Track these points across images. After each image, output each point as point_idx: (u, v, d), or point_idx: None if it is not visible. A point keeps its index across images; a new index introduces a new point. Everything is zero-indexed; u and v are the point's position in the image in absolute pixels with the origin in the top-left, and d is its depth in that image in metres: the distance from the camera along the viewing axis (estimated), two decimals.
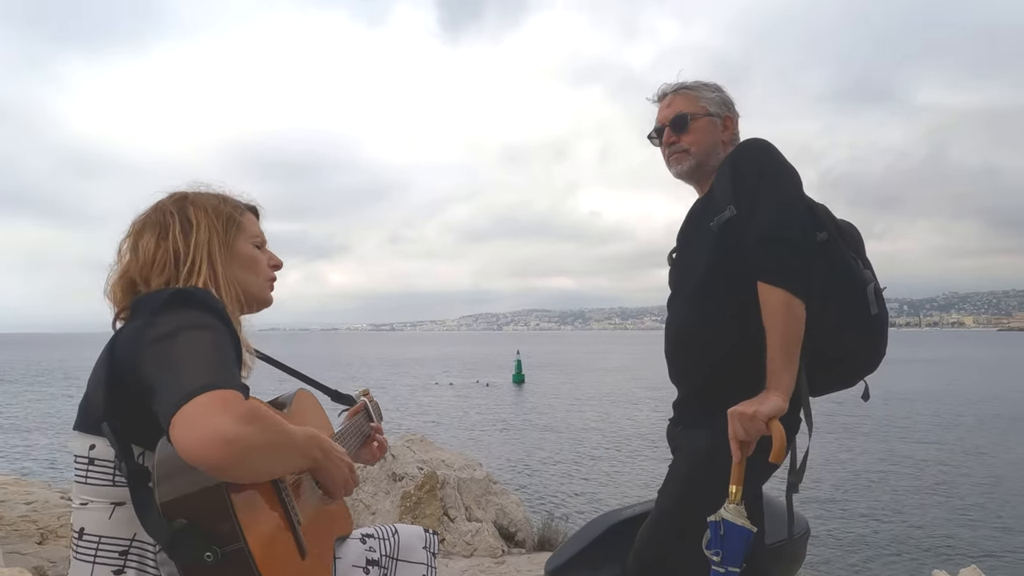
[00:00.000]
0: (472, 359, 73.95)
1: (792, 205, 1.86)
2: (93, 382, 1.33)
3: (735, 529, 1.75)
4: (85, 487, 1.31)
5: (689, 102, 2.13)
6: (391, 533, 1.78)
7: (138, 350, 1.23)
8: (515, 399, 33.38)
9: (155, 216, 1.50)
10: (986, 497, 13.35)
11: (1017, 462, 16.58)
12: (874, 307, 1.92)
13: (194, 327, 1.23)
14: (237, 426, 1.07)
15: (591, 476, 15.53)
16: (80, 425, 1.34)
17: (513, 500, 5.67)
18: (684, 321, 2.06)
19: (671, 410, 2.19)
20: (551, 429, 22.66)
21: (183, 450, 1.06)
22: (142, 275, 1.43)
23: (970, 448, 18.42)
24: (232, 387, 1.13)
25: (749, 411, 1.72)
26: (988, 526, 11.42)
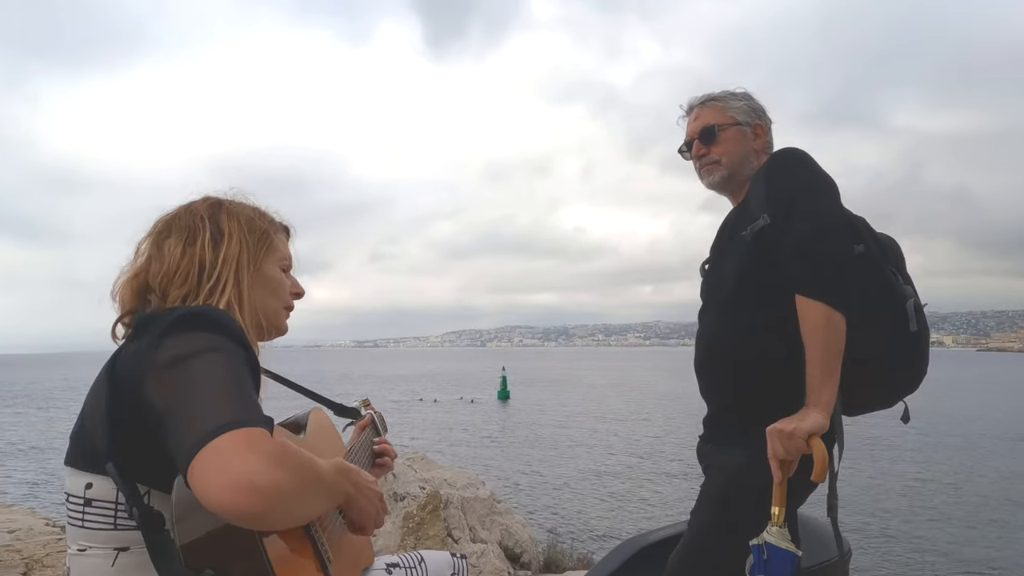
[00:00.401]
0: (456, 376, 73.81)
1: (830, 217, 1.82)
2: (91, 411, 1.18)
3: (779, 553, 1.67)
4: (82, 531, 1.16)
5: (716, 113, 2.10)
6: (417, 561, 1.69)
7: (144, 377, 1.10)
8: (501, 415, 33.26)
9: (186, 218, 1.36)
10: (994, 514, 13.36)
11: None
12: (913, 324, 1.85)
13: (208, 350, 1.10)
14: (267, 470, 0.96)
15: (589, 494, 15.48)
16: (74, 460, 1.19)
17: (518, 520, 5.56)
18: (716, 333, 2.01)
19: (701, 427, 2.11)
20: (540, 446, 22.61)
21: (206, 499, 0.95)
22: (160, 283, 1.29)
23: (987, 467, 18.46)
24: (257, 423, 1.02)
25: (788, 428, 1.65)
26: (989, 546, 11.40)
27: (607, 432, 26.35)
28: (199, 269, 1.30)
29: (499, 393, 41.81)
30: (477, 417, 31.93)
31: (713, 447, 2.02)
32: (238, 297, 1.32)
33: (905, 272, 1.95)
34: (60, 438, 21.95)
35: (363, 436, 1.81)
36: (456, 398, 42.07)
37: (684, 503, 14.34)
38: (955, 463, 18.98)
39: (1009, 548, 11.07)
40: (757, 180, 1.96)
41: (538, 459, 20.00)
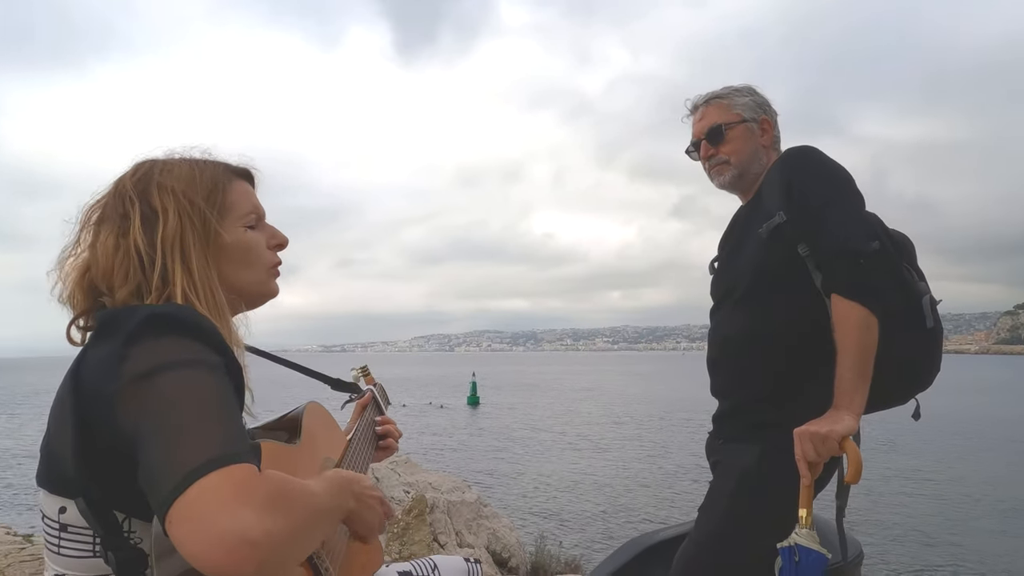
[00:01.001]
0: (425, 380, 73.37)
1: (863, 217, 1.84)
2: (57, 429, 1.03)
3: (811, 555, 1.67)
4: (59, 558, 1.04)
5: (722, 111, 2.08)
6: (430, 568, 1.63)
7: (112, 392, 0.95)
8: (472, 421, 33.11)
9: (113, 203, 1.16)
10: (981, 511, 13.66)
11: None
12: (930, 320, 1.86)
13: (182, 365, 0.95)
14: (260, 520, 0.83)
15: (572, 498, 15.47)
16: (45, 482, 1.05)
17: (505, 524, 5.52)
18: (732, 329, 2.00)
19: (711, 424, 2.12)
20: (515, 451, 22.56)
21: (189, 557, 0.82)
22: (104, 281, 1.11)
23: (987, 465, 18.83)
24: (243, 458, 0.88)
25: (823, 431, 1.64)
26: (979, 540, 11.65)
27: (582, 436, 26.40)
28: (139, 261, 1.11)
29: (469, 399, 41.52)
30: (447, 422, 31.76)
31: (724, 443, 2.02)
32: (191, 284, 1.12)
33: (918, 268, 1.95)
34: (29, 444, 21.39)
35: (364, 417, 1.70)
36: (425, 403, 41.76)
37: (668, 505, 14.52)
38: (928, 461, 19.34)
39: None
40: (771, 177, 1.95)
41: (514, 464, 19.96)
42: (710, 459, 2.09)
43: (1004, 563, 10.39)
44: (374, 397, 1.78)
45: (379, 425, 1.75)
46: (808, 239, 1.80)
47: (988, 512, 13.82)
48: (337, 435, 1.57)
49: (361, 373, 1.85)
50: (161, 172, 1.18)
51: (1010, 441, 23.41)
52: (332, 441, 1.52)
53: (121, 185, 1.17)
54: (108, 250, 1.11)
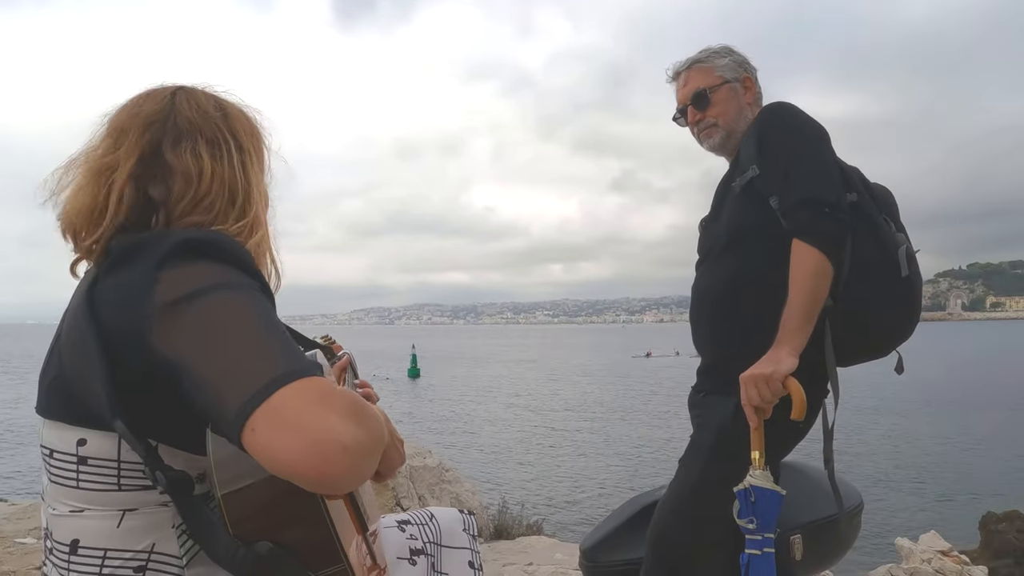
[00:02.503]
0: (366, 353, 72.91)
1: (830, 168, 1.86)
2: (73, 359, 0.99)
3: (766, 494, 1.73)
4: (77, 492, 0.99)
5: (705, 75, 2.09)
6: (428, 518, 1.62)
7: (143, 319, 0.90)
8: (414, 392, 33.11)
9: (201, 122, 1.11)
10: (931, 468, 14.67)
11: (959, 435, 18.38)
12: (904, 269, 1.88)
13: (224, 286, 0.91)
14: (348, 427, 0.81)
15: (526, 463, 15.81)
16: (57, 413, 1.01)
17: (467, 488, 5.56)
18: (708, 284, 2.04)
19: (694, 377, 2.14)
20: (460, 421, 22.74)
21: (278, 462, 0.80)
22: (182, 208, 1.06)
23: (917, 425, 19.98)
24: (317, 372, 0.86)
25: (767, 371, 1.69)
26: (937, 495, 12.51)
27: (526, 406, 26.72)
28: (229, 196, 1.09)
29: (409, 371, 41.41)
30: (390, 395, 31.68)
31: (704, 396, 2.04)
32: (263, 225, 1.14)
33: (898, 220, 1.98)
34: None
35: (347, 378, 1.67)
36: (369, 376, 41.46)
37: (620, 469, 14.89)
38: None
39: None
40: (748, 134, 1.97)
41: (461, 435, 20.10)
42: (692, 412, 2.12)
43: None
44: (350, 362, 1.77)
45: (359, 388, 1.76)
46: (777, 190, 1.83)
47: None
48: None
49: (327, 342, 1.81)
50: (231, 107, 1.17)
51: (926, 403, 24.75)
52: None
53: (198, 102, 1.13)
54: (205, 170, 1.07)
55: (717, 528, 1.89)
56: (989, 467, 15.07)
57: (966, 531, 7.85)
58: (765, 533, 1.76)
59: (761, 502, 1.75)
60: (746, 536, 1.77)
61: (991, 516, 6.47)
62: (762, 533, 1.76)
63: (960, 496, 12.68)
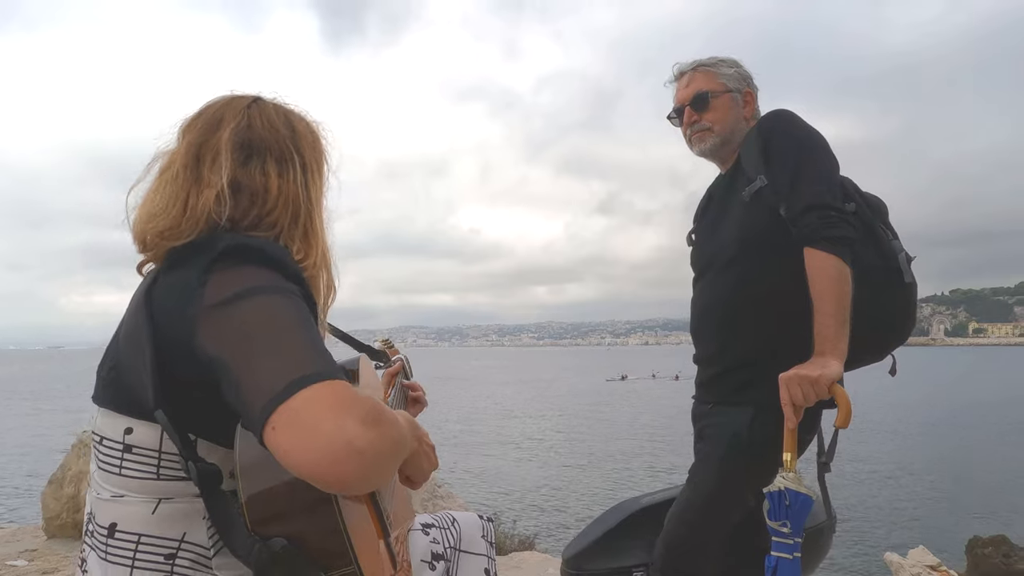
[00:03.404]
0: None
1: (834, 175, 1.89)
2: (130, 350, 1.05)
3: (799, 498, 1.73)
4: (119, 478, 1.05)
5: (708, 79, 2.09)
6: (450, 522, 1.65)
7: (191, 318, 0.96)
8: None
9: (271, 138, 1.16)
10: (931, 486, 14.85)
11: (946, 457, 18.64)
12: (907, 275, 1.92)
13: (265, 289, 0.96)
14: (364, 431, 0.84)
15: (519, 480, 15.85)
16: (109, 401, 1.07)
17: (460, 503, 5.53)
18: (718, 295, 2.02)
19: (694, 389, 2.15)
20: (452, 441, 22.61)
21: (293, 461, 0.83)
22: (249, 220, 1.11)
23: (905, 445, 20.16)
24: (340, 375, 0.89)
25: (814, 374, 1.67)
26: (924, 513, 12.67)
27: (516, 427, 26.66)
28: (293, 209, 1.14)
29: None
30: None
31: (714, 407, 2.03)
32: (323, 241, 1.19)
33: (892, 228, 2.01)
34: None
35: (397, 382, 1.73)
36: None
37: (611, 484, 14.87)
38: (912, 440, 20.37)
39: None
40: (749, 143, 1.98)
41: (452, 455, 19.99)
42: (696, 424, 2.12)
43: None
44: (404, 366, 1.81)
45: (410, 390, 1.78)
46: (784, 199, 1.84)
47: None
48: (378, 391, 1.60)
49: (385, 345, 1.89)
50: (298, 122, 1.21)
51: (915, 425, 24.82)
52: (375, 395, 1.53)
53: (268, 117, 1.17)
54: (272, 188, 1.12)
55: (726, 535, 1.94)
56: (975, 488, 15.19)
57: (953, 551, 7.86)
58: (796, 537, 1.74)
59: (795, 505, 1.74)
60: (774, 539, 1.78)
61: (977, 540, 6.49)
62: (794, 537, 1.74)
63: (947, 515, 12.75)
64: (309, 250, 1.15)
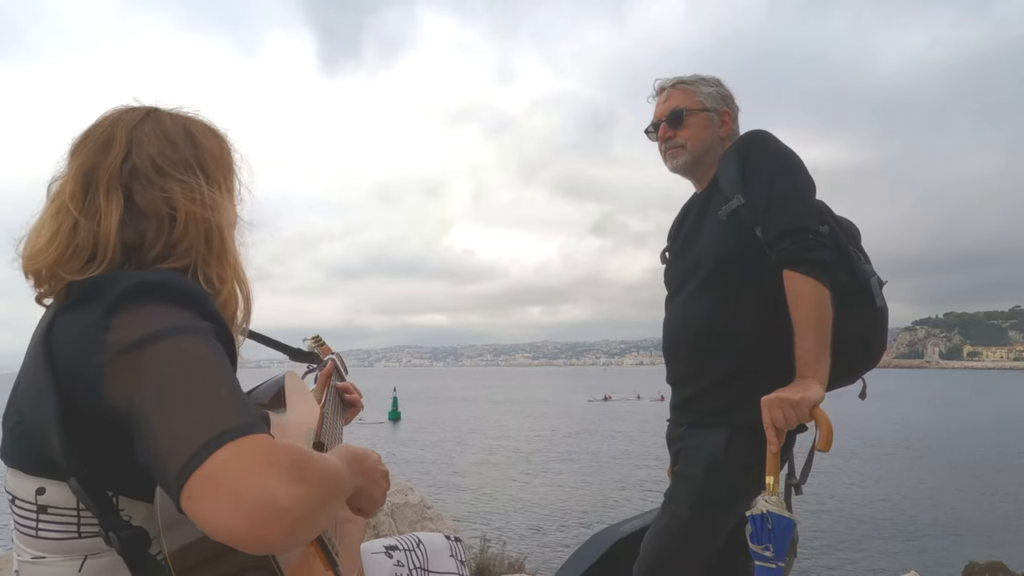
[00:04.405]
0: None
1: (810, 196, 1.89)
2: (32, 405, 0.95)
3: (781, 521, 1.72)
4: (36, 540, 0.96)
5: (686, 97, 2.09)
6: (415, 543, 1.62)
7: (96, 368, 0.87)
8: (394, 436, 32.70)
9: (169, 155, 1.05)
10: (913, 511, 14.77)
11: (942, 480, 18.57)
12: (879, 299, 1.93)
13: (174, 332, 0.88)
14: (288, 488, 0.78)
15: (509, 502, 15.76)
16: (17, 462, 0.97)
17: (449, 525, 5.47)
18: (693, 315, 2.00)
19: (668, 412, 2.12)
20: (443, 464, 22.52)
21: (214, 529, 0.77)
22: (157, 248, 1.01)
23: (900, 468, 20.03)
24: (258, 428, 0.82)
25: (796, 397, 1.66)
26: (919, 537, 12.57)
27: (508, 447, 26.53)
28: (203, 234, 1.04)
29: (390, 414, 40.75)
30: (371, 437, 31.26)
31: (688, 429, 2.01)
32: (236, 264, 1.10)
33: (864, 252, 2.01)
34: None
35: (331, 386, 1.68)
36: (357, 419, 40.91)
37: (600, 506, 14.78)
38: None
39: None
40: (727, 162, 1.97)
41: (444, 476, 19.88)
42: (671, 447, 2.09)
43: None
44: (336, 366, 1.77)
45: (344, 393, 1.74)
46: (760, 220, 1.83)
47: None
48: (313, 404, 1.55)
49: (315, 344, 1.82)
50: (199, 132, 1.11)
51: (908, 447, 24.77)
52: (310, 410, 1.50)
53: (170, 140, 1.06)
54: (179, 211, 1.02)
55: (705, 560, 1.91)
56: (970, 512, 15.12)
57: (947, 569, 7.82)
58: (779, 561, 1.72)
59: (777, 529, 1.72)
60: (757, 563, 1.76)
61: (974, 566, 6.46)
62: (776, 561, 1.72)
63: (941, 540, 12.70)
64: (225, 273, 1.07)
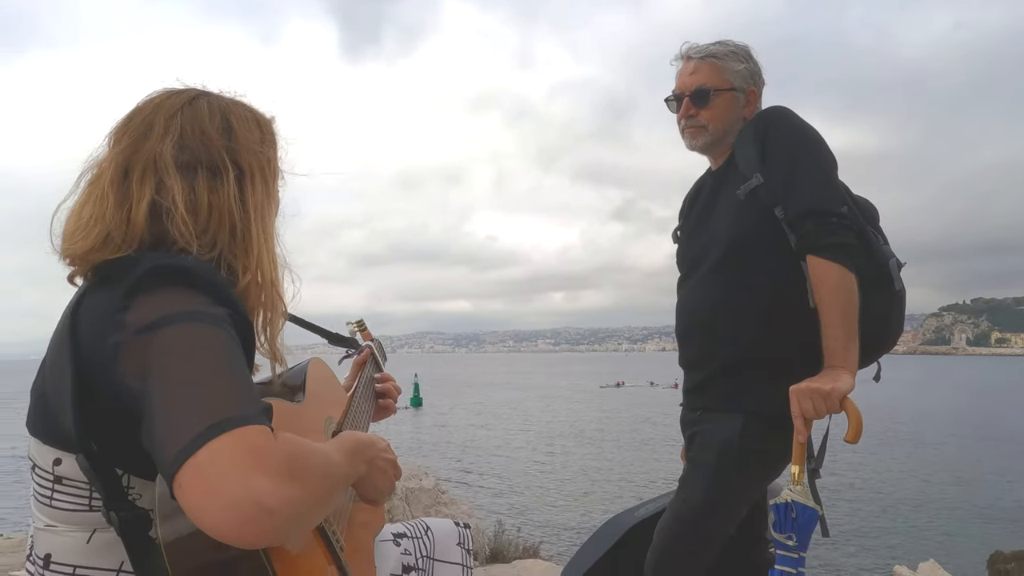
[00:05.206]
0: None
1: (832, 176, 1.83)
2: (54, 380, 0.98)
3: (805, 511, 1.69)
4: (50, 509, 0.99)
5: (714, 74, 1.98)
6: (424, 530, 1.60)
7: (113, 347, 0.89)
8: (416, 422, 32.90)
9: (202, 148, 1.06)
10: (938, 499, 14.61)
11: (969, 468, 18.28)
12: (897, 282, 1.88)
13: (187, 317, 0.89)
14: (276, 487, 0.78)
15: (526, 488, 15.76)
16: (39, 431, 1.01)
17: (464, 510, 5.49)
18: (706, 297, 1.95)
19: (683, 396, 2.08)
20: (463, 448, 22.59)
21: (199, 521, 0.78)
22: (185, 237, 1.01)
23: (926, 456, 19.81)
24: (255, 418, 0.83)
25: (827, 387, 1.62)
26: (943, 525, 12.45)
27: (529, 432, 26.58)
28: (229, 225, 1.05)
29: (412, 400, 40.96)
30: (391, 422, 31.47)
31: (702, 414, 1.96)
32: (271, 256, 1.11)
33: (882, 233, 1.95)
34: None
35: (364, 374, 1.64)
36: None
37: (618, 491, 14.75)
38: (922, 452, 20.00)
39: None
40: (745, 139, 1.91)
41: (464, 460, 19.97)
42: (685, 432, 2.05)
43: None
44: (372, 353, 1.72)
45: (378, 383, 1.70)
46: (781, 200, 1.78)
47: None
48: (339, 393, 1.52)
49: (358, 328, 1.78)
50: (239, 123, 1.11)
51: (934, 435, 24.45)
52: (334, 399, 1.47)
53: (204, 132, 1.07)
54: (203, 204, 1.03)
55: (718, 548, 1.88)
56: (997, 500, 14.92)
57: (971, 566, 7.70)
58: (801, 551, 1.70)
59: (801, 519, 1.69)
60: (779, 552, 1.73)
61: (999, 555, 6.37)
62: (799, 551, 1.70)
63: (965, 528, 12.53)
64: (249, 263, 1.07)
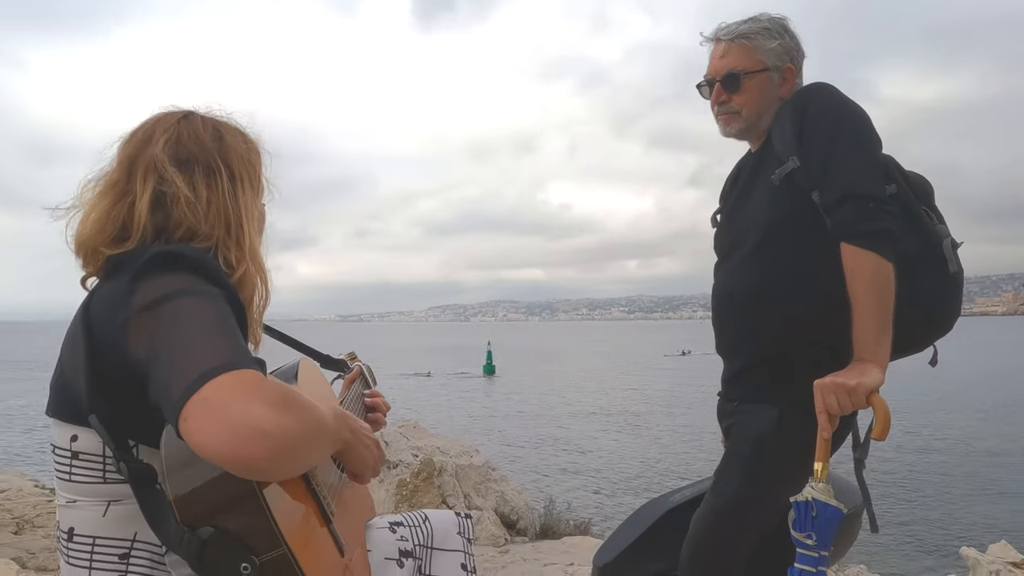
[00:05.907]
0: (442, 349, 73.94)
1: (874, 159, 1.74)
2: (70, 360, 1.11)
3: (827, 509, 1.60)
4: (70, 484, 1.12)
5: (745, 56, 1.88)
6: (421, 520, 1.64)
7: (121, 323, 1.02)
8: (488, 389, 33.37)
9: (198, 150, 1.21)
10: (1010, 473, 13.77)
11: None
12: (952, 263, 1.77)
13: (187, 292, 1.02)
14: (272, 414, 0.88)
15: (582, 463, 15.59)
16: (57, 411, 1.13)
17: (513, 487, 5.53)
18: (742, 282, 1.89)
19: (720, 385, 2.02)
20: (528, 418, 22.75)
21: (205, 448, 0.87)
22: (186, 228, 1.16)
23: (993, 428, 18.75)
24: (250, 365, 0.94)
25: (852, 383, 1.56)
26: (1015, 504, 11.69)
27: (596, 404, 26.52)
28: (225, 223, 1.19)
29: (485, 367, 41.62)
30: (464, 391, 32.01)
31: (739, 404, 1.92)
32: (256, 250, 1.25)
33: (937, 211, 1.85)
34: None
35: (353, 388, 1.73)
36: (456, 373, 42.00)
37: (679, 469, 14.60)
38: (947, 425, 19.17)
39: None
40: (782, 119, 1.82)
41: (527, 430, 20.12)
42: (722, 423, 2.01)
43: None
44: (362, 372, 1.80)
45: (368, 397, 1.76)
46: (818, 183, 1.70)
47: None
48: (328, 393, 1.60)
49: (349, 358, 1.88)
50: (228, 134, 1.25)
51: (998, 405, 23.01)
52: (325, 396, 1.53)
53: (199, 138, 1.21)
54: (201, 199, 1.17)
55: (753, 542, 1.84)
56: None
57: None
58: (822, 551, 1.61)
59: (822, 517, 1.61)
60: (798, 551, 1.65)
61: None
62: (819, 551, 1.61)
63: None
64: (242, 255, 1.20)
